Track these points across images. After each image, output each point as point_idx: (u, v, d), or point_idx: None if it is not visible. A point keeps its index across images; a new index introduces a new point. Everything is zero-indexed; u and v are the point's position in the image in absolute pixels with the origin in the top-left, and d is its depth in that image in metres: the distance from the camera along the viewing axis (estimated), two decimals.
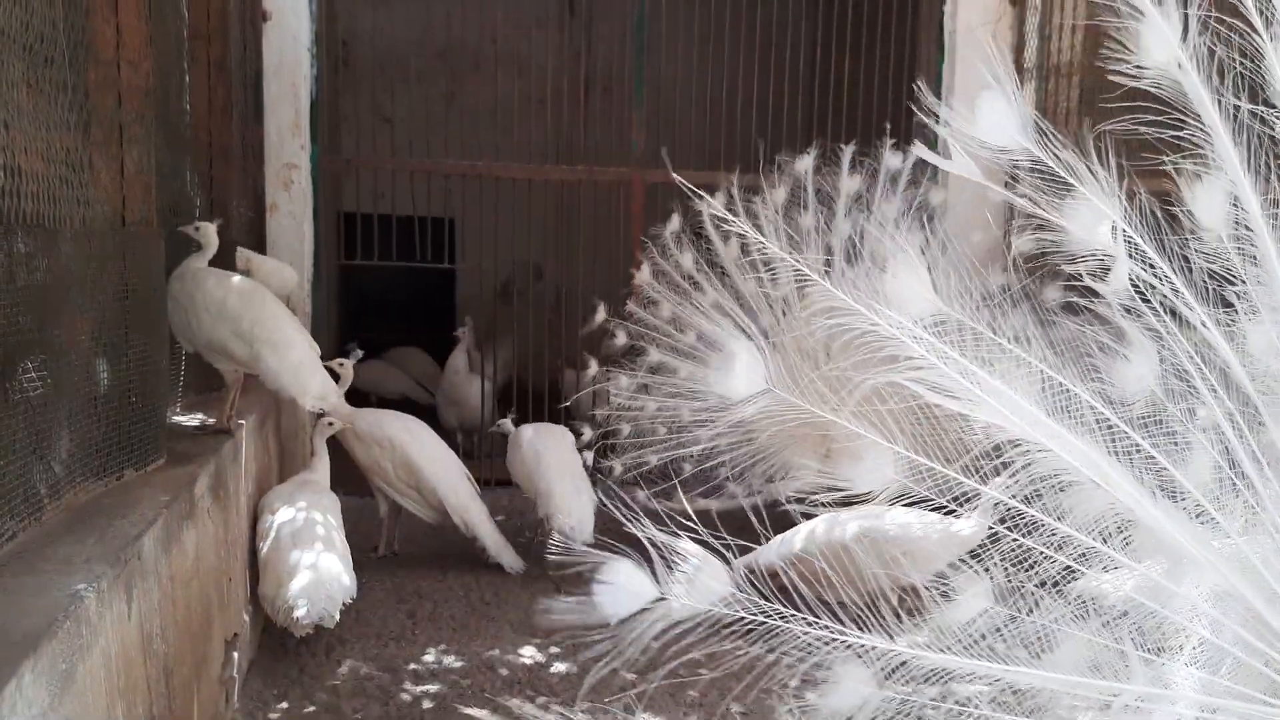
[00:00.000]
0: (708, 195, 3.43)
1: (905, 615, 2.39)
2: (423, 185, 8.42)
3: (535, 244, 9.52)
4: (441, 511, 6.19)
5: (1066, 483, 2.28)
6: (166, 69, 4.59)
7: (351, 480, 6.51)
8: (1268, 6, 2.21)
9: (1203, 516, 2.29)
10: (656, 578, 2.29)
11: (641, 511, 2.47)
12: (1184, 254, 2.34)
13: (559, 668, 5.01)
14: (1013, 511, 2.36)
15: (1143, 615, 2.29)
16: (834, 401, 2.47)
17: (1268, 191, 2.27)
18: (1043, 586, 2.39)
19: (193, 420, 4.86)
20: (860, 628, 2.31)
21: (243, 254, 5.58)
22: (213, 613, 4.05)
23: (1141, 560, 2.30)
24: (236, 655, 4.36)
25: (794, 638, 2.30)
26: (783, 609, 2.29)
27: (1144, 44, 2.24)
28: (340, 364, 6.20)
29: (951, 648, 2.30)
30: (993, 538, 2.41)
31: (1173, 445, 2.33)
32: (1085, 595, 2.36)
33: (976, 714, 2.29)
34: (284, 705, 4.59)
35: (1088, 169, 2.29)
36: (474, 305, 10.00)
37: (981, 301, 2.39)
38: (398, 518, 6.55)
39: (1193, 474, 2.32)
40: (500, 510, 6.90)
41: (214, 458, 4.18)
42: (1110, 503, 2.26)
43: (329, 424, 5.68)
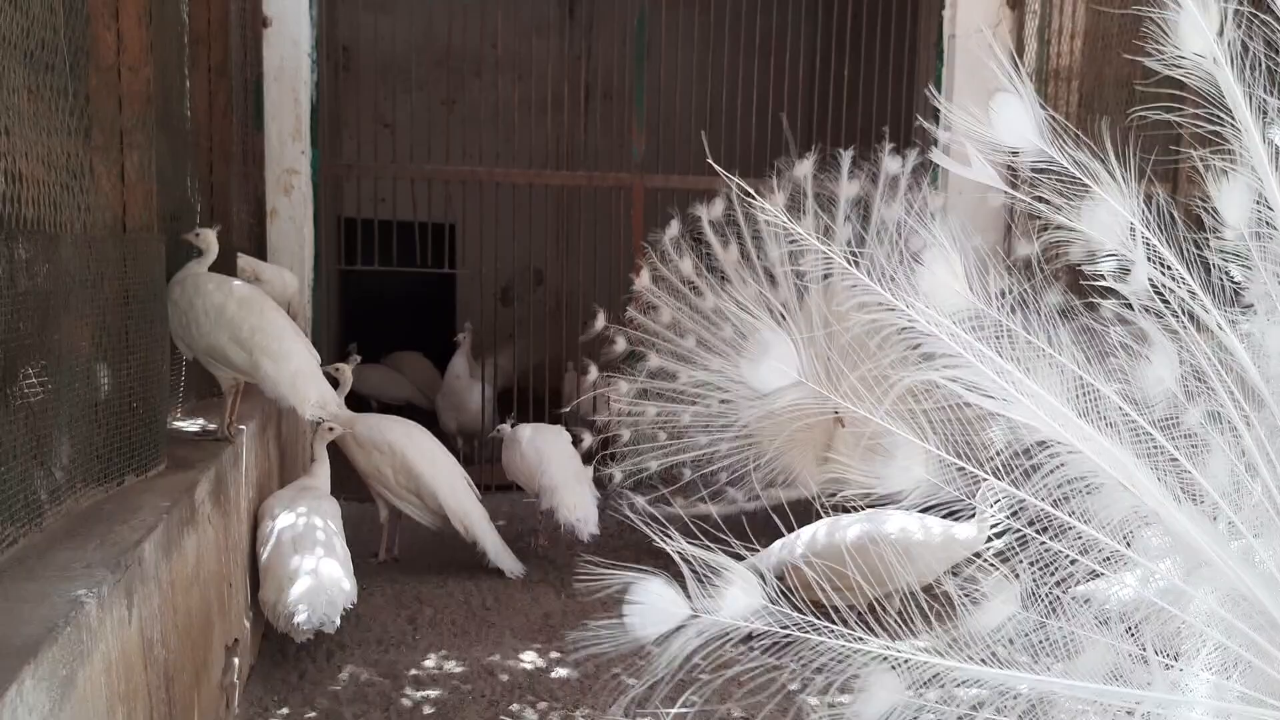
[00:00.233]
0: (758, 197, 3.29)
1: (934, 620, 2.37)
2: (423, 190, 8.43)
3: (535, 249, 9.53)
4: (442, 516, 6.19)
5: (1094, 485, 2.25)
6: (167, 74, 4.59)
7: (351, 486, 6.51)
8: None
9: (1219, 519, 2.28)
10: (687, 593, 2.23)
11: (666, 522, 2.43)
12: (1202, 255, 2.32)
13: (560, 673, 5.00)
14: (1040, 514, 2.33)
15: (1163, 620, 2.27)
16: (867, 398, 2.42)
17: None
18: (1067, 591, 2.37)
19: (193, 426, 4.86)
20: (891, 637, 2.28)
21: (244, 259, 5.58)
22: (213, 618, 4.05)
23: (1159, 562, 2.28)
24: (237, 661, 4.36)
25: (827, 649, 2.26)
26: (815, 620, 2.24)
27: (1181, 34, 2.22)
28: (338, 369, 6.21)
29: (982, 656, 2.27)
30: (1020, 540, 2.37)
31: (1191, 447, 2.31)
32: (1093, 596, 2.34)
33: None
34: (284, 711, 4.59)
35: (1105, 170, 2.27)
36: (474, 310, 10.00)
37: (1011, 299, 2.35)
38: (398, 523, 6.55)
39: (1210, 476, 2.30)
40: (500, 515, 6.90)
41: (214, 463, 4.18)
42: (1135, 505, 2.24)
43: (329, 429, 5.68)
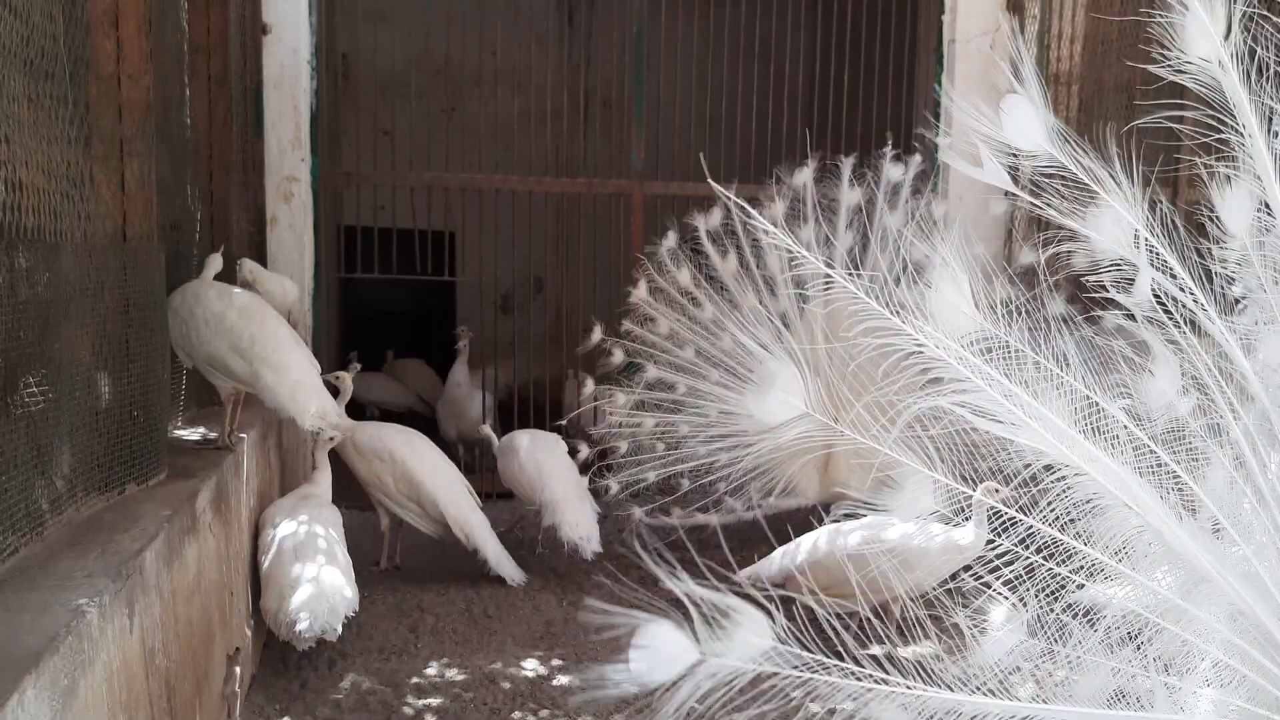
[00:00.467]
0: (758, 215, 3.22)
1: (942, 648, 2.33)
2: (423, 198, 8.43)
3: (535, 257, 9.53)
4: (443, 525, 6.18)
5: (1101, 507, 2.23)
6: (167, 83, 4.60)
7: (352, 494, 6.50)
8: None
9: (1220, 534, 2.26)
10: (695, 636, 2.16)
11: (666, 534, 2.39)
12: (1204, 263, 2.30)
13: (561, 680, 4.99)
14: (1046, 539, 2.30)
15: (1165, 639, 2.25)
16: (874, 426, 2.38)
17: None
18: (1065, 598, 2.35)
19: (194, 434, 4.85)
20: (901, 672, 2.24)
21: (245, 266, 5.59)
22: (214, 627, 4.04)
23: (1160, 580, 2.26)
24: (238, 670, 4.35)
25: (838, 688, 2.22)
26: (825, 659, 2.20)
27: (1187, 37, 2.20)
28: (338, 377, 6.20)
29: (990, 686, 2.24)
30: (1028, 570, 2.33)
31: (1192, 461, 2.29)
32: (1094, 604, 2.33)
33: None
34: (286, 719, 4.59)
35: (1110, 175, 2.25)
36: (474, 318, 10.00)
37: (1016, 313, 2.32)
38: (399, 531, 6.54)
39: (1209, 490, 2.28)
40: (501, 523, 6.89)
41: (215, 472, 4.18)
42: (1139, 525, 2.22)
43: (330, 437, 5.67)
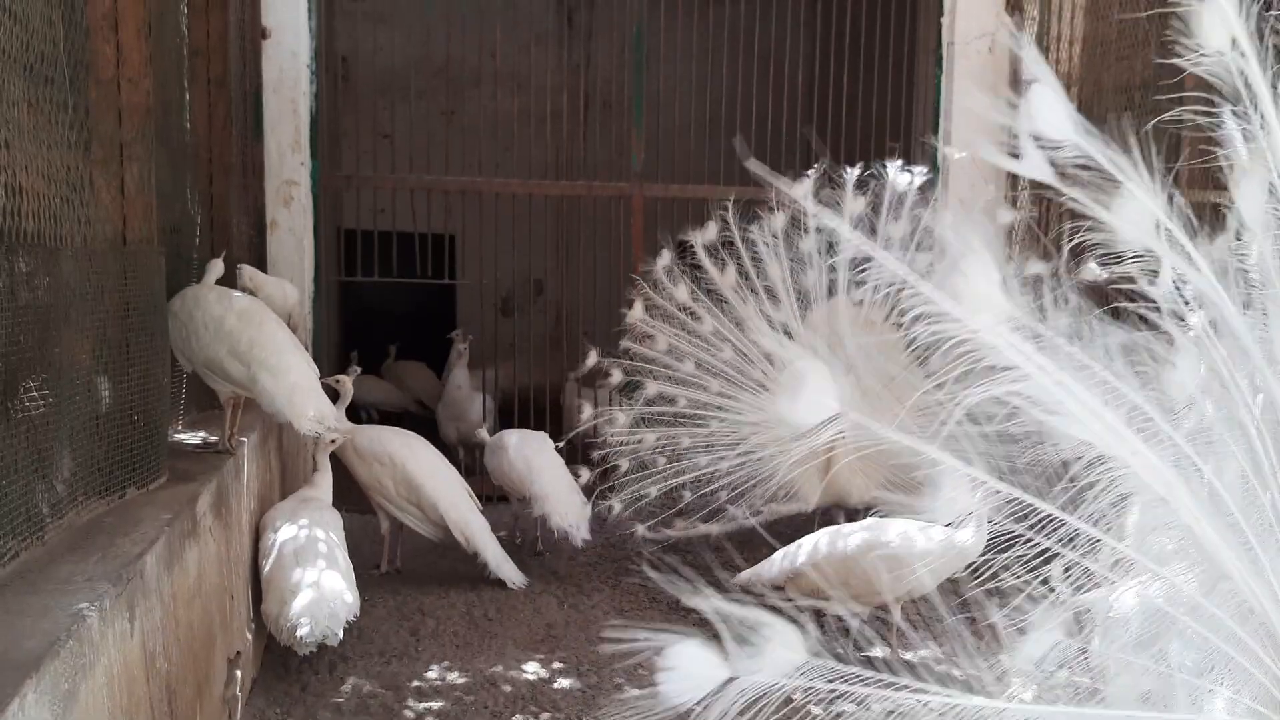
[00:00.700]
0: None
1: (981, 651, 2.30)
2: (422, 201, 8.44)
3: (535, 259, 9.53)
4: (443, 528, 6.18)
5: (1133, 501, 2.20)
6: (166, 87, 4.60)
7: (353, 497, 6.50)
8: None
9: (1235, 530, 2.23)
10: (725, 653, 2.09)
11: (666, 545, 2.35)
12: (1220, 257, 2.27)
13: (562, 683, 4.99)
14: (1079, 533, 2.25)
15: (1189, 639, 2.23)
16: (911, 425, 2.30)
17: None
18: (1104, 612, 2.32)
19: (194, 438, 4.85)
20: (940, 681, 2.20)
21: (245, 271, 5.59)
22: (215, 631, 4.04)
23: (1182, 576, 2.23)
24: (239, 673, 4.35)
25: (874, 699, 2.17)
26: (861, 671, 2.16)
27: (1203, 27, 2.18)
28: (338, 380, 6.21)
29: (1028, 691, 2.20)
30: (1068, 569, 2.27)
31: (1213, 455, 2.27)
32: (1095, 606, 2.31)
33: None
34: None
35: (1130, 165, 2.22)
36: (474, 321, 10.01)
37: (1051, 308, 2.27)
38: (399, 534, 6.54)
39: (1226, 486, 2.25)
40: (501, 526, 6.90)
41: (216, 476, 4.18)
42: (1171, 521, 2.19)
43: (331, 440, 5.67)
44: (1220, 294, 2.24)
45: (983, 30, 7.88)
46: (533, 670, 5.14)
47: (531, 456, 6.73)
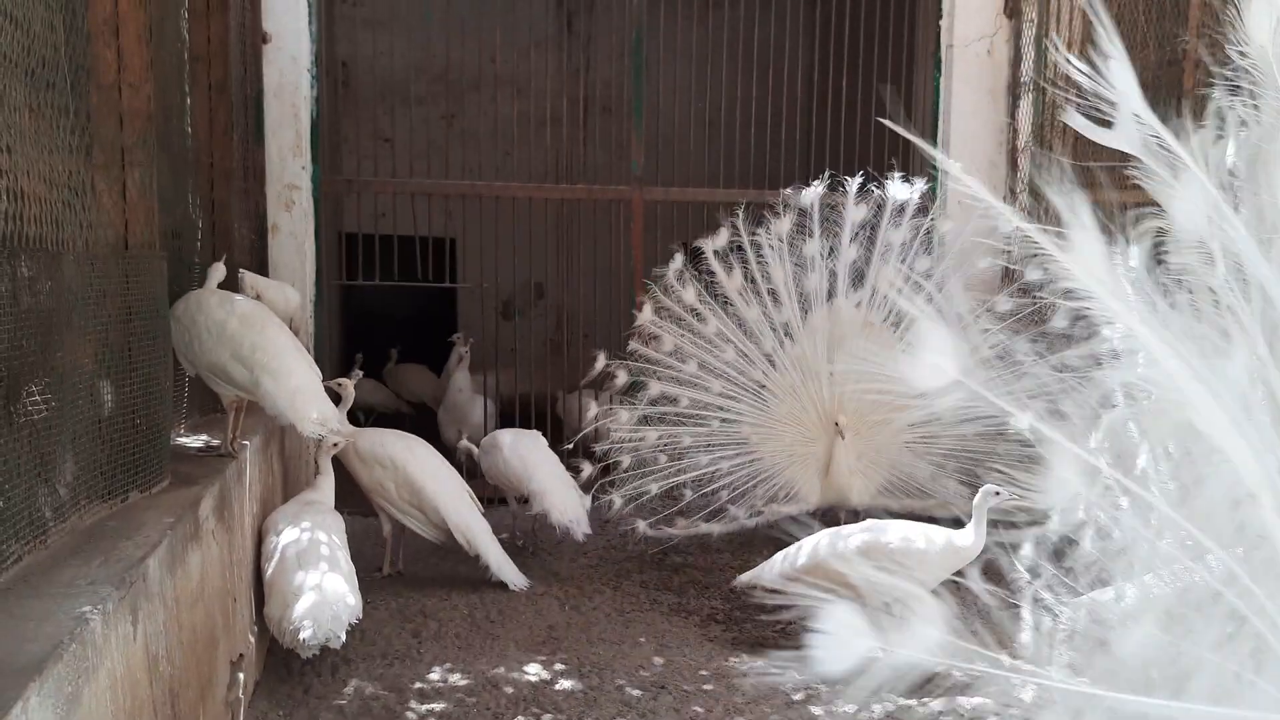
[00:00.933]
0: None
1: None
2: (423, 205, 8.45)
3: (536, 263, 9.55)
4: (444, 530, 6.19)
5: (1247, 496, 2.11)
6: (168, 92, 4.61)
7: (355, 500, 6.51)
8: None
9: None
10: (873, 622, 2.06)
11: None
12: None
13: (564, 684, 5.00)
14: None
15: (1250, 629, 2.17)
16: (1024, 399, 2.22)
17: None
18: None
19: (197, 441, 4.86)
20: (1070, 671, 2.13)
21: (245, 276, 5.60)
22: (218, 634, 4.05)
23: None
24: (242, 676, 4.35)
25: (1012, 685, 2.10)
26: (998, 655, 2.10)
27: (1251, 20, 2.16)
28: (340, 384, 6.22)
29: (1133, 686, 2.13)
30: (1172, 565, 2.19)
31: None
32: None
33: None
34: None
35: (1186, 148, 2.19)
36: (475, 324, 10.03)
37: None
38: (401, 537, 6.55)
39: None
40: (502, 528, 6.91)
41: (218, 479, 4.19)
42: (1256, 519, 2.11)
43: (334, 443, 5.68)
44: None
45: (981, 33, 7.89)
46: (534, 672, 5.14)
47: (527, 454, 6.80)
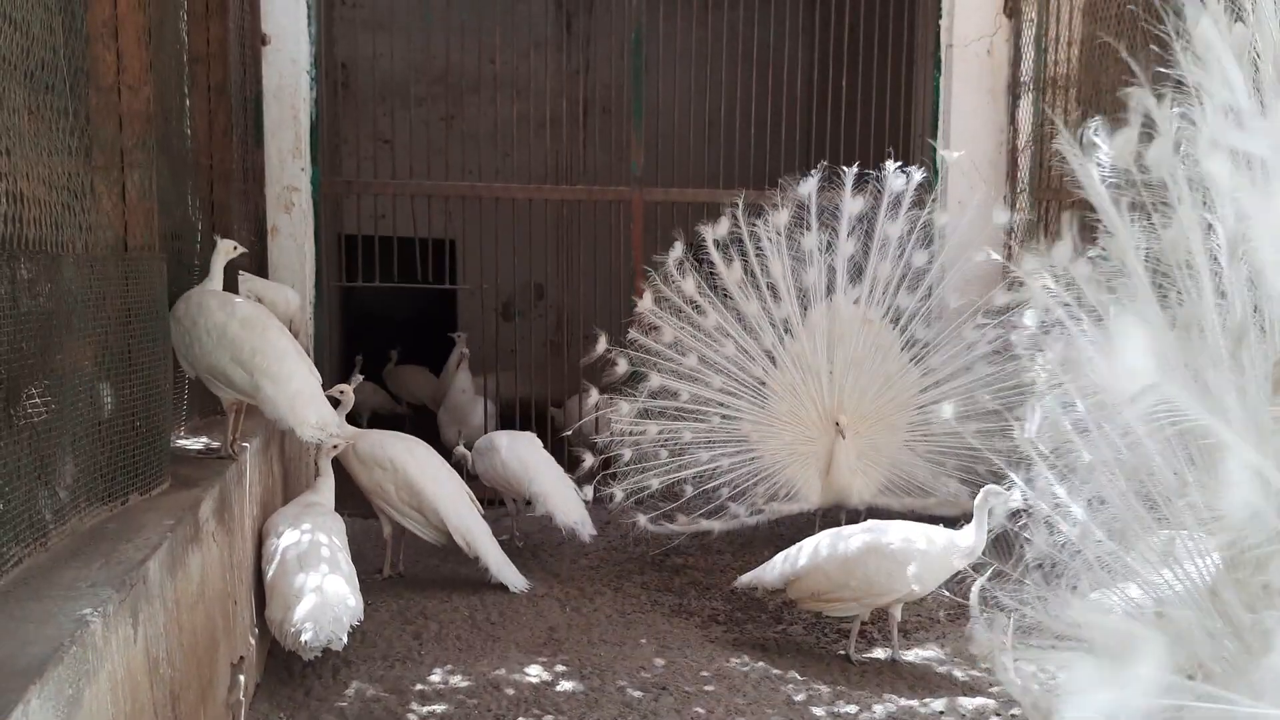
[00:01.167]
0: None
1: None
2: (423, 206, 8.45)
3: (536, 264, 9.55)
4: (445, 532, 6.18)
5: None
6: (167, 93, 4.60)
7: (355, 501, 6.51)
8: None
9: None
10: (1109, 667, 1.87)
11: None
12: None
13: (565, 686, 4.99)
14: None
15: None
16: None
17: None
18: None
19: (197, 443, 4.86)
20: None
21: (245, 278, 5.59)
22: (218, 636, 4.04)
23: None
24: (243, 678, 4.35)
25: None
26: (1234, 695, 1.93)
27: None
28: (341, 390, 6.23)
29: None
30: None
31: None
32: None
33: None
34: None
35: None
36: (475, 326, 10.03)
37: None
38: (401, 539, 6.54)
39: None
40: (502, 530, 6.91)
41: (218, 481, 4.18)
42: None
43: (335, 445, 5.68)
44: None
45: (981, 33, 7.89)
46: (535, 673, 5.14)
47: (525, 455, 6.84)
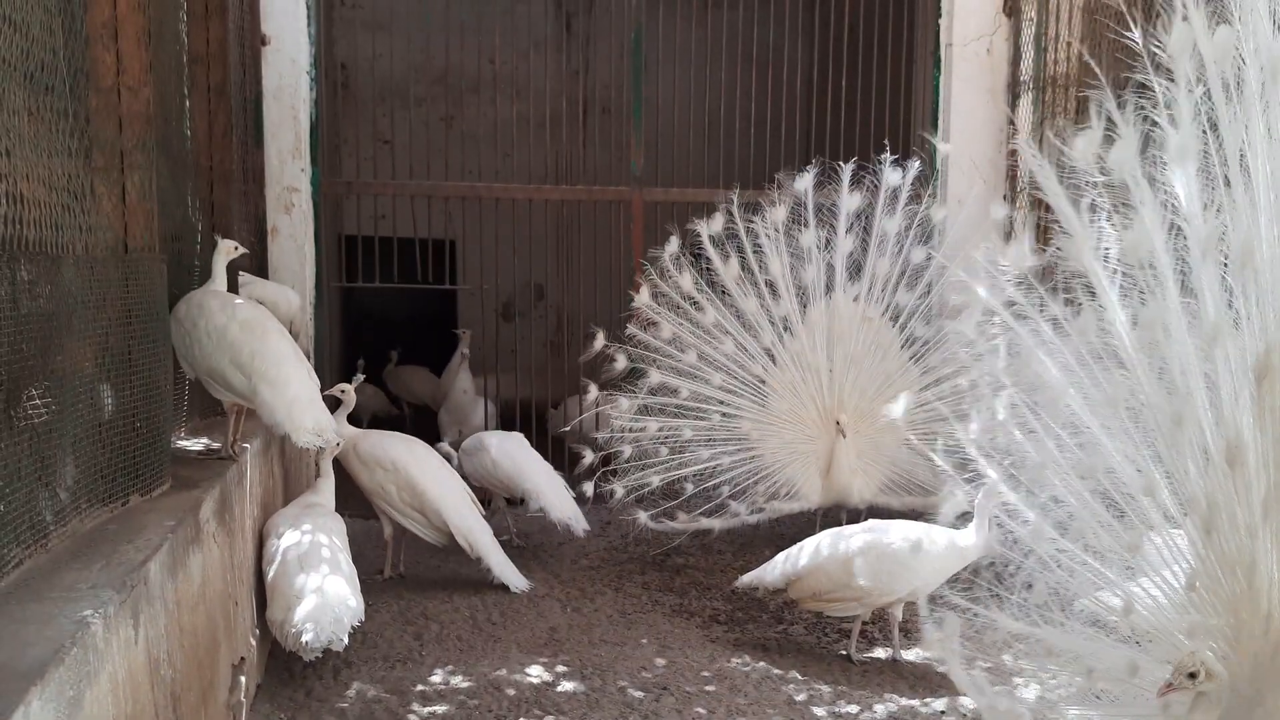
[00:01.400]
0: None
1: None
2: (423, 207, 8.45)
3: (536, 264, 9.55)
4: (446, 533, 6.18)
5: None
6: (167, 94, 4.60)
7: (356, 502, 6.50)
8: None
9: None
10: None
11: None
12: None
13: (566, 686, 4.99)
14: None
15: None
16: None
17: None
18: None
19: (197, 444, 4.86)
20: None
21: (245, 279, 5.59)
22: (219, 637, 4.04)
23: None
24: (244, 679, 4.35)
25: None
26: None
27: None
28: (342, 390, 6.22)
29: None
30: None
31: None
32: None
33: None
34: None
35: None
36: (476, 326, 10.03)
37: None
38: (402, 540, 6.54)
39: None
40: (502, 530, 6.91)
41: (219, 482, 4.18)
42: None
43: (336, 445, 5.67)
44: None
45: (981, 32, 7.89)
46: (536, 674, 5.14)
47: (516, 454, 6.91)
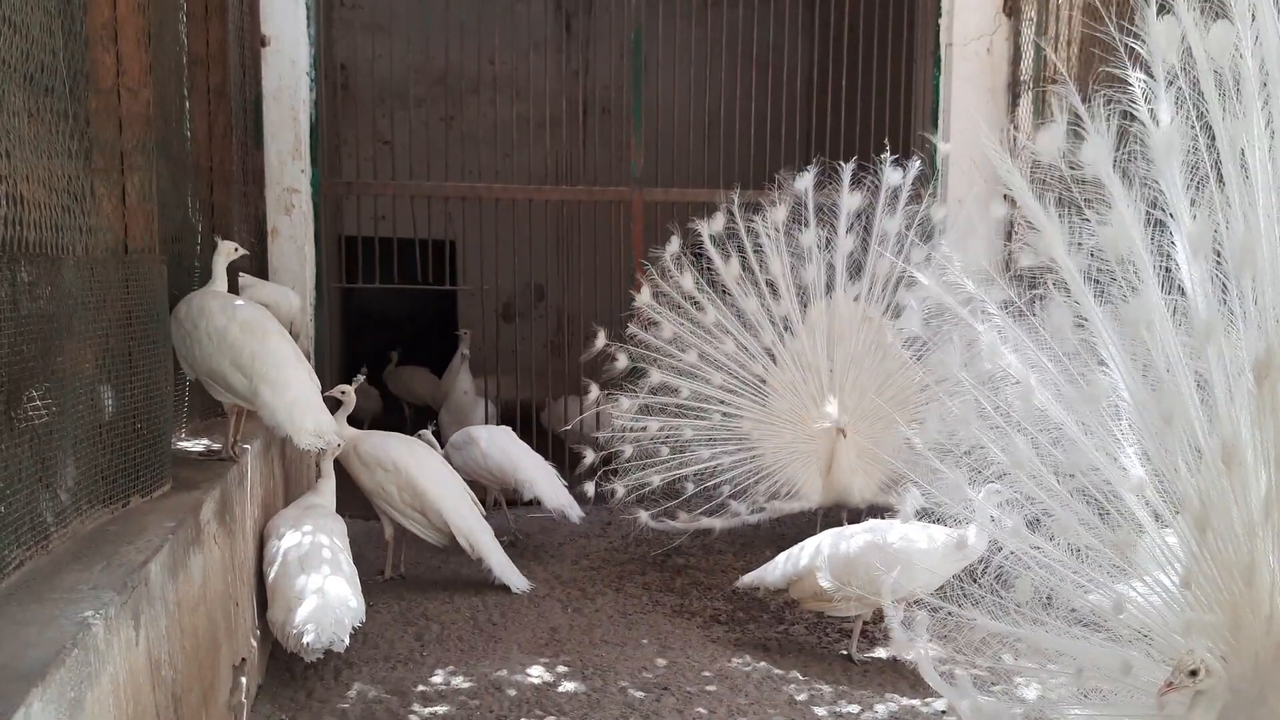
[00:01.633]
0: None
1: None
2: (423, 207, 8.45)
3: (536, 265, 9.55)
4: (446, 533, 6.18)
5: None
6: (166, 96, 4.60)
7: (356, 503, 6.50)
8: None
9: None
10: None
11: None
12: None
13: (567, 687, 4.99)
14: None
15: None
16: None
17: None
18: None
19: (198, 446, 4.86)
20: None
21: (245, 280, 5.59)
22: (220, 638, 4.04)
23: None
24: (244, 680, 4.35)
25: None
26: None
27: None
28: (343, 391, 6.22)
29: None
30: None
31: None
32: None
33: None
34: None
35: None
36: (476, 327, 10.04)
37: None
38: (402, 540, 6.54)
39: None
40: (502, 530, 6.91)
41: (219, 483, 4.18)
42: None
43: (336, 446, 5.67)
44: None
45: (981, 31, 7.89)
46: (537, 674, 5.14)
47: (507, 446, 7.04)
